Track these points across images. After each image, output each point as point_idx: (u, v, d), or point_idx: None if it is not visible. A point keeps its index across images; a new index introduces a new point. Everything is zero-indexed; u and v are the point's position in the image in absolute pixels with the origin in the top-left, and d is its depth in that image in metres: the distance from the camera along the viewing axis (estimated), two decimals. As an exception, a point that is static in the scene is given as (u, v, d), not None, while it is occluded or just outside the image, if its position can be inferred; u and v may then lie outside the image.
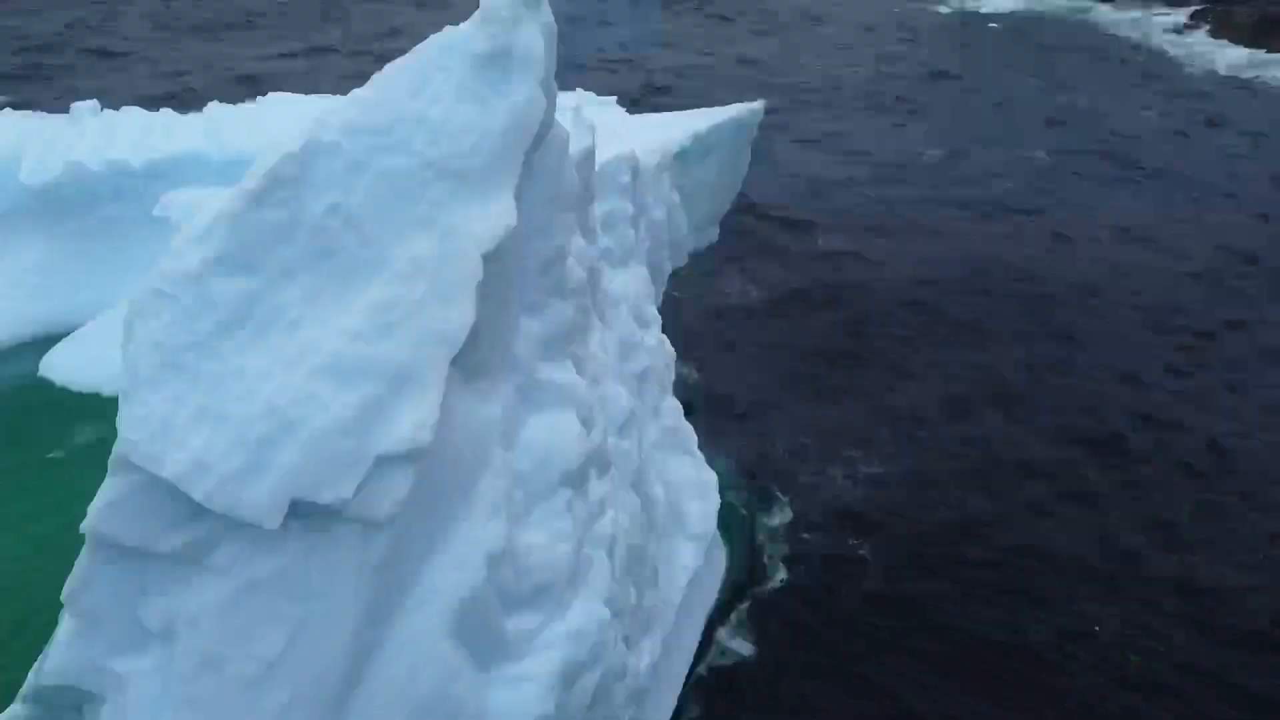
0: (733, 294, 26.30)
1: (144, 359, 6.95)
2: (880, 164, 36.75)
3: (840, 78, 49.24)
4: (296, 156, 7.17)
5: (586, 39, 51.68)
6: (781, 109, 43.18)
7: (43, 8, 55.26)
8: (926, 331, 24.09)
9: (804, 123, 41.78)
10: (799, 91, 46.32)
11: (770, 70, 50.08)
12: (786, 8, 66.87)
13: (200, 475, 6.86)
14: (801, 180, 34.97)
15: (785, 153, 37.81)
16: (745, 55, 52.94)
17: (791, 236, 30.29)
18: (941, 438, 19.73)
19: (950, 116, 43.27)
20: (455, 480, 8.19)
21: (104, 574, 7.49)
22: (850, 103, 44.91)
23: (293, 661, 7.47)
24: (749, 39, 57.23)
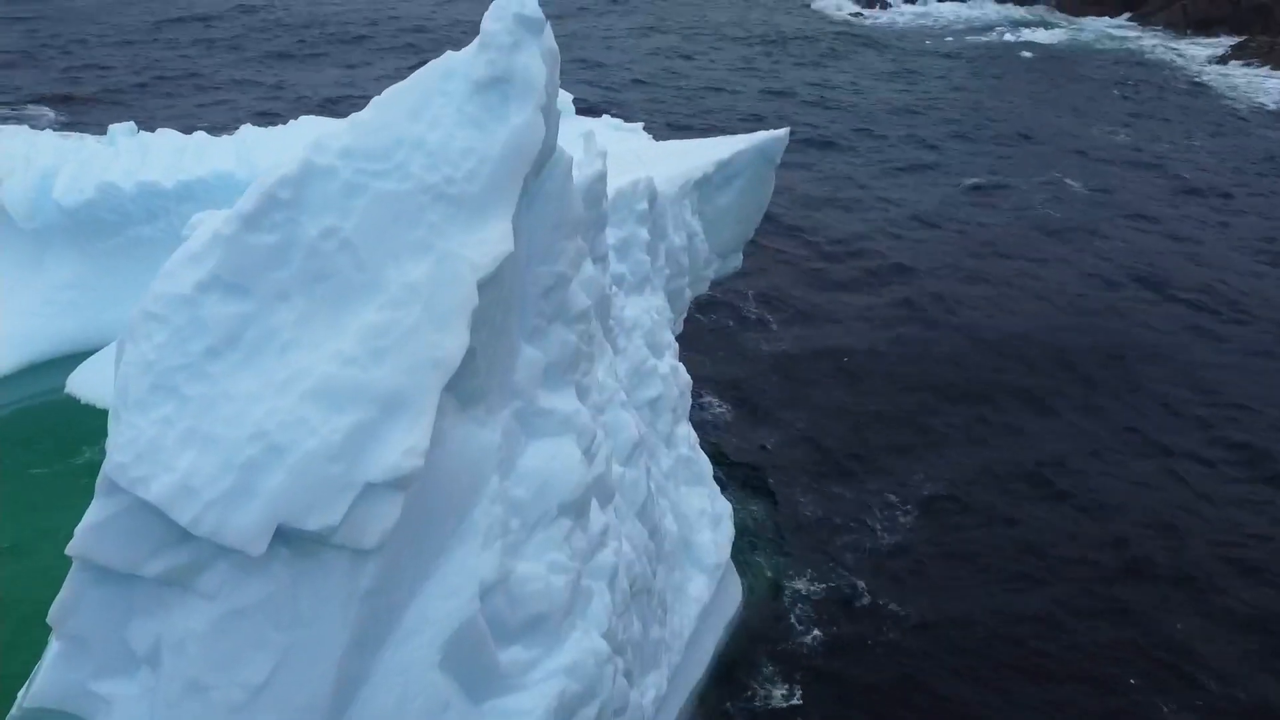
0: (759, 324, 26.14)
1: (134, 380, 6.92)
2: (913, 195, 36.47)
3: (872, 107, 49.08)
4: (292, 179, 7.15)
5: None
6: (814, 138, 43.17)
7: (137, 38, 56.68)
8: (958, 377, 23.62)
9: (836, 152, 41.63)
10: (831, 121, 46.21)
11: (804, 99, 50.06)
12: (818, 34, 66.99)
13: (185, 499, 6.80)
14: (831, 210, 34.79)
15: (816, 182, 37.72)
16: (781, 85, 53.00)
17: (820, 267, 30.08)
18: (979, 501, 18.94)
19: (985, 147, 42.88)
20: (449, 507, 8.09)
21: (91, 596, 7.44)
22: (882, 132, 44.68)
23: (279, 689, 7.36)
24: (788, 69, 57.34)
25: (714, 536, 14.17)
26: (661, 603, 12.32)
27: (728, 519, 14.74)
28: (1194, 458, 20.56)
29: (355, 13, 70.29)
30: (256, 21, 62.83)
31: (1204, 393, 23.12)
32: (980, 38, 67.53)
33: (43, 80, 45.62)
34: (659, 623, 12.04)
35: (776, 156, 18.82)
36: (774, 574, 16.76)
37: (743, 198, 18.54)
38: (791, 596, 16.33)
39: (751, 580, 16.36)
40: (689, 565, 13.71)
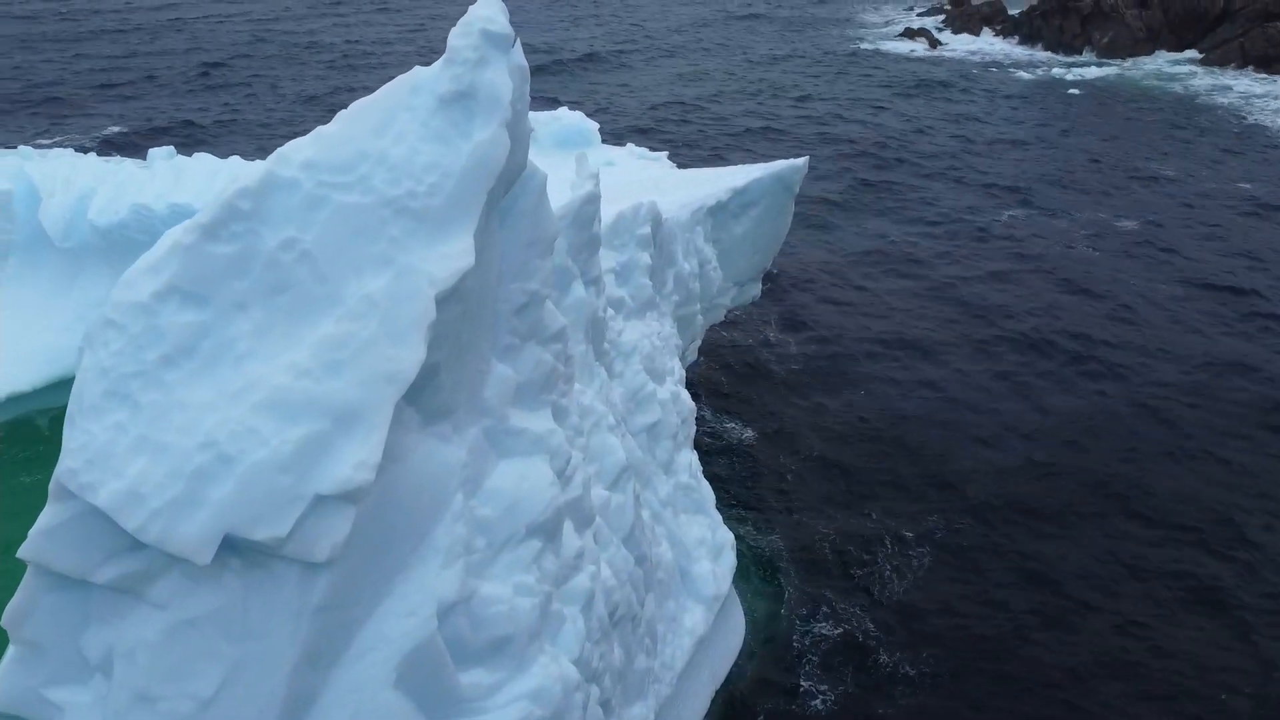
0: (783, 352, 25.85)
1: (89, 386, 6.97)
2: (952, 228, 36.02)
3: (917, 139, 48.76)
4: (252, 190, 7.19)
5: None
6: (856, 169, 42.99)
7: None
8: (982, 417, 23.08)
9: (877, 183, 41.36)
10: (874, 153, 46.00)
11: (850, 132, 49.92)
12: (867, 69, 66.94)
13: (133, 506, 6.79)
14: (867, 240, 34.48)
15: (854, 212, 37.49)
16: (827, 118, 52.94)
17: (850, 296, 29.75)
18: (997, 544, 18.40)
19: (1027, 182, 42.27)
20: (409, 524, 7.99)
21: (46, 602, 7.45)
22: (926, 164, 44.34)
23: (227, 702, 7.29)
24: (836, 103, 57.33)
25: (714, 567, 13.90)
26: (650, 632, 12.09)
27: (730, 550, 14.47)
28: (1230, 508, 19.80)
29: (406, 42, 72.01)
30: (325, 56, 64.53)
31: (1240, 439, 22.31)
32: (1030, 74, 66.92)
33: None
34: (646, 653, 11.80)
35: (795, 185, 18.68)
36: (781, 609, 16.39)
37: (759, 226, 18.41)
38: (799, 633, 15.94)
39: (757, 614, 16.03)
40: (685, 595, 13.46)
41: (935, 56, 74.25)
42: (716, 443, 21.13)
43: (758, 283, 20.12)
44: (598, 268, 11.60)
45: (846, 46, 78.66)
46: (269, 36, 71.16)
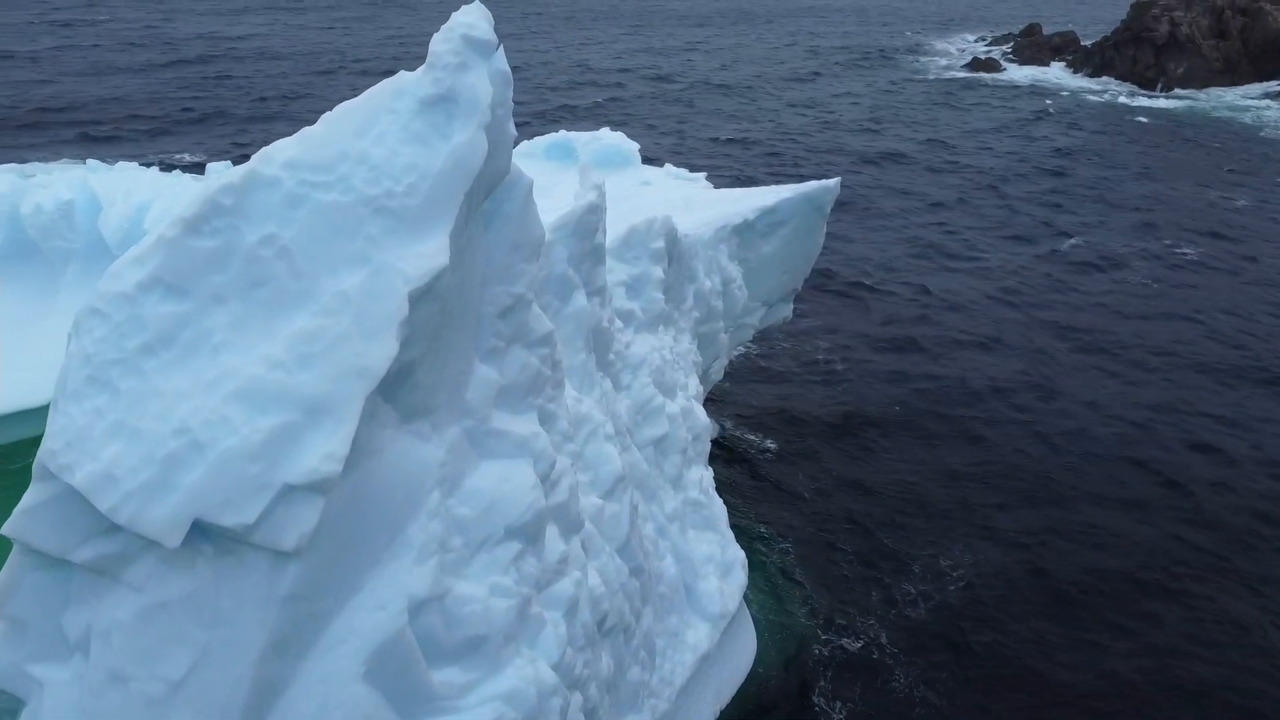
0: (823, 372, 25.61)
1: (73, 372, 7.24)
2: (1009, 255, 35.43)
3: (979, 165, 48.15)
4: (235, 187, 7.42)
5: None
6: (914, 192, 42.59)
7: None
8: (1024, 455, 22.54)
9: (934, 207, 40.92)
10: (933, 178, 45.55)
11: (909, 157, 49.51)
12: (927, 94, 66.36)
13: (107, 487, 7.02)
14: (923, 264, 34.10)
15: (911, 235, 37.10)
16: (887, 142, 52.59)
17: (899, 320, 29.38)
18: (1025, 584, 17.96)
19: (1090, 209, 41.40)
20: (383, 519, 8.10)
21: (30, 580, 7.72)
22: (986, 190, 43.76)
23: (196, 686, 7.44)
24: (896, 126, 56.98)
25: (721, 585, 13.77)
26: (647, 645, 12.01)
27: (740, 568, 14.33)
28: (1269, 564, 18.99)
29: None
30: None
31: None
32: (1099, 104, 65.74)
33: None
34: (641, 665, 11.73)
35: (826, 206, 18.57)
36: (795, 629, 16.16)
37: (788, 246, 18.32)
38: (812, 654, 15.69)
39: (770, 634, 15.82)
40: (690, 611, 13.35)
41: (1003, 86, 73.39)
42: (743, 460, 20.99)
43: (788, 304, 19.99)
44: (602, 278, 11.68)
45: (914, 76, 78.24)
46: (333, 68, 73.35)
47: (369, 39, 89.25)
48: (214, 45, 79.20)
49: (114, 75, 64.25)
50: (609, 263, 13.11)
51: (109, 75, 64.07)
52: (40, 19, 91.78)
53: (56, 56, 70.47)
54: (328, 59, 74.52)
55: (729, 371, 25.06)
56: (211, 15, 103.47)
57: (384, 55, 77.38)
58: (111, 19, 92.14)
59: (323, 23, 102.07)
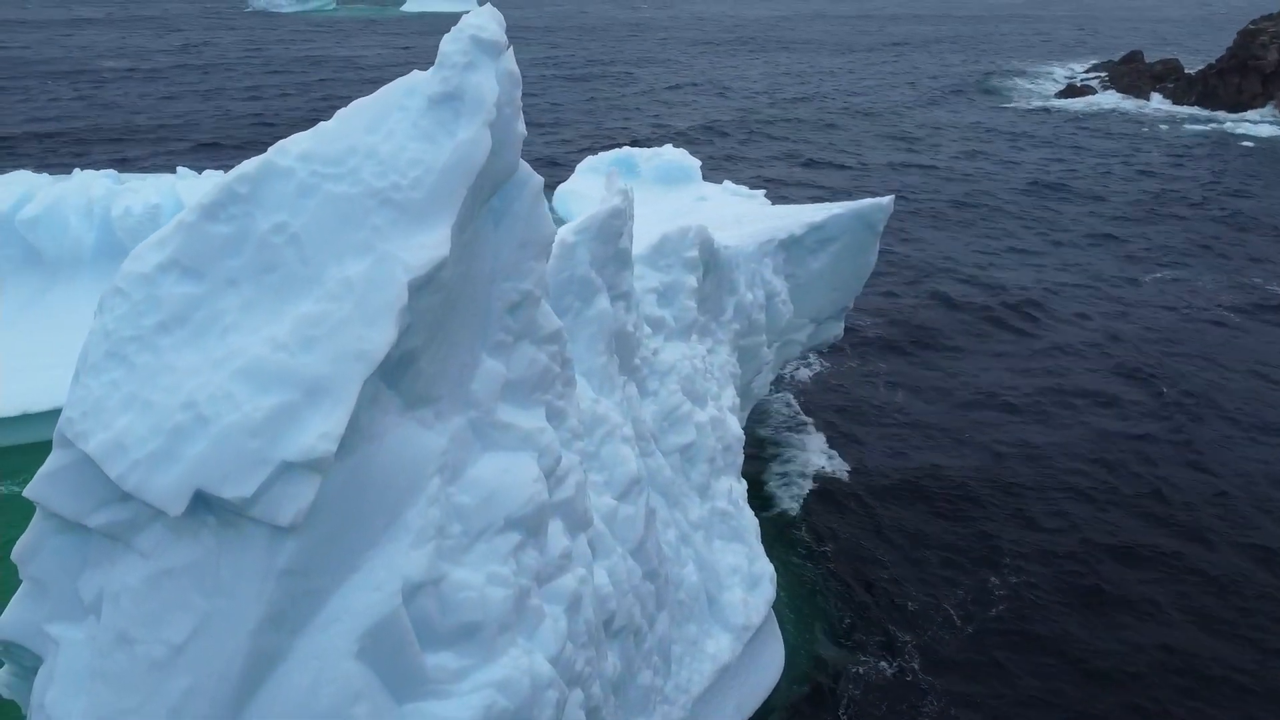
0: (889, 388, 25.24)
1: (94, 347, 7.69)
2: (1091, 280, 34.47)
3: (1066, 190, 46.98)
4: (250, 176, 7.81)
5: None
6: (1001, 220, 41.80)
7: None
8: (1083, 486, 21.90)
9: (1016, 234, 40.06)
10: (1019, 203, 44.66)
11: (993, 179, 48.61)
12: (1015, 120, 65.02)
13: (117, 455, 7.42)
14: (1003, 291, 33.40)
15: (991, 259, 36.43)
16: (973, 165, 51.75)
17: (970, 340, 28.81)
18: (1071, 607, 17.50)
19: (1183, 237, 39.98)
20: (382, 502, 8.34)
21: (51, 544, 8.19)
22: (1073, 215, 42.70)
23: (196, 651, 7.76)
24: (983, 149, 56.02)
25: (747, 597, 13.70)
26: (662, 651, 12.02)
27: (768, 582, 14.24)
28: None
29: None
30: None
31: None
32: (1196, 128, 63.47)
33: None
34: (654, 670, 11.74)
35: (879, 224, 18.39)
36: (827, 649, 15.93)
37: (838, 263, 18.19)
38: (843, 675, 15.44)
39: (801, 651, 15.64)
40: (711, 621, 13.31)
41: (1099, 113, 71.49)
42: (789, 475, 20.81)
43: (839, 321, 19.82)
44: (627, 283, 11.82)
45: (1005, 104, 76.87)
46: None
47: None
48: (319, 65, 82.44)
49: (221, 94, 67.43)
50: (640, 270, 13.27)
51: (218, 95, 67.28)
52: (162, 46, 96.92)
53: (174, 76, 74.42)
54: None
55: (778, 386, 24.94)
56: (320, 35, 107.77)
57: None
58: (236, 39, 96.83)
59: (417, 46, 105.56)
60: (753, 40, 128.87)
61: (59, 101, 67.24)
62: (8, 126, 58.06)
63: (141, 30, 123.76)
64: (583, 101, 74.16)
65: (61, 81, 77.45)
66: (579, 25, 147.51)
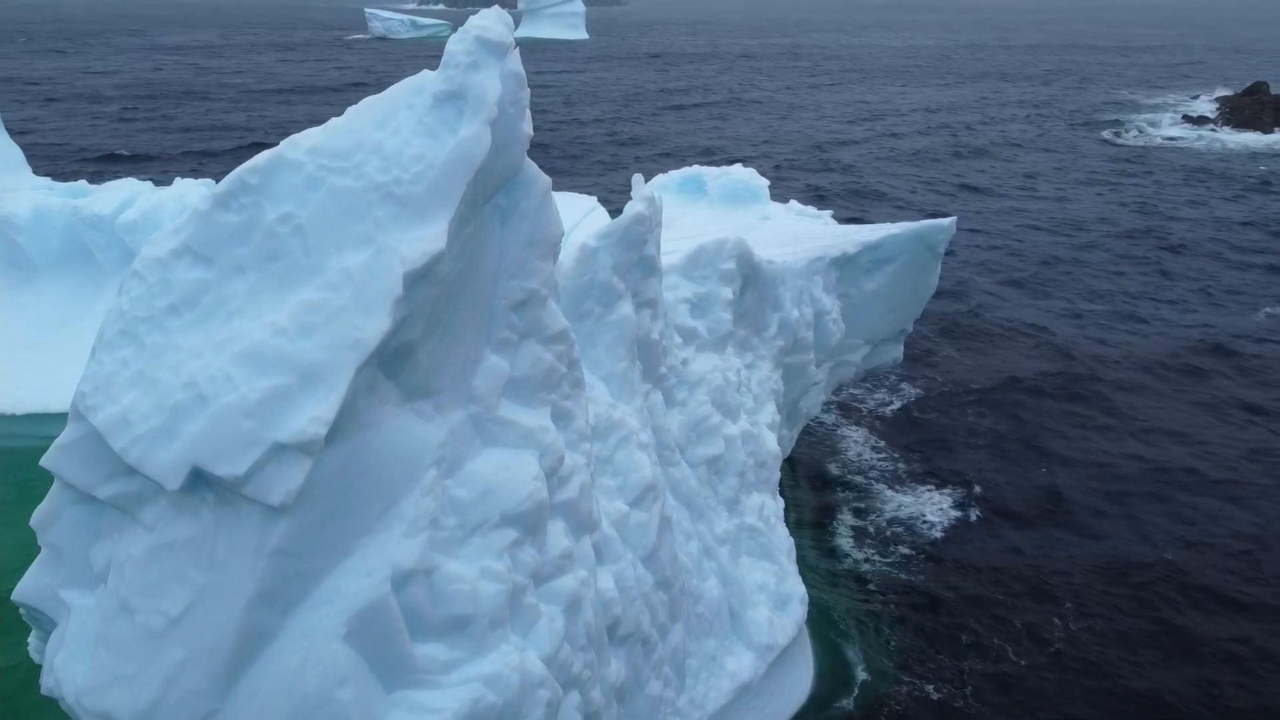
0: (972, 419, 24.55)
1: (110, 325, 8.11)
2: (1202, 320, 32.99)
3: (1175, 226, 45.14)
4: (261, 167, 8.14)
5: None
6: (1107, 257, 40.53)
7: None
8: (1167, 518, 20.86)
9: (1127, 268, 38.74)
10: (1126, 238, 43.20)
11: (1105, 217, 47.15)
12: (1128, 154, 62.80)
13: (121, 430, 7.79)
14: (1107, 330, 32.26)
15: (1095, 299, 35.23)
16: (1081, 201, 50.23)
17: (1063, 377, 27.84)
18: (1139, 652, 16.72)
19: (1255, 284, 37.93)
20: (377, 490, 8.51)
21: (69, 513, 8.62)
22: (1183, 253, 41.08)
23: (191, 624, 8.05)
24: (1099, 187, 54.38)
25: (773, 616, 13.45)
26: (676, 663, 11.90)
27: (798, 603, 13.96)
28: None
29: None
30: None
31: None
32: None
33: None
34: (665, 682, 11.62)
35: (939, 245, 17.98)
36: (861, 672, 15.48)
37: (895, 284, 17.84)
38: (877, 705, 14.98)
39: (835, 678, 15.24)
40: (733, 638, 13.11)
41: (1216, 147, 68.50)
42: (841, 498, 20.40)
43: (897, 344, 19.39)
44: (654, 291, 11.84)
45: (1119, 133, 74.44)
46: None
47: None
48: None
49: (337, 113, 70.26)
50: (674, 280, 13.28)
51: (335, 114, 70.13)
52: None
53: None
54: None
55: (831, 409, 24.53)
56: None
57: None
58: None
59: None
60: (865, 70, 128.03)
61: (184, 118, 71.31)
62: (140, 143, 61.87)
63: (268, 54, 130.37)
64: (689, 124, 75.06)
65: (189, 101, 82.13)
66: (696, 53, 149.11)
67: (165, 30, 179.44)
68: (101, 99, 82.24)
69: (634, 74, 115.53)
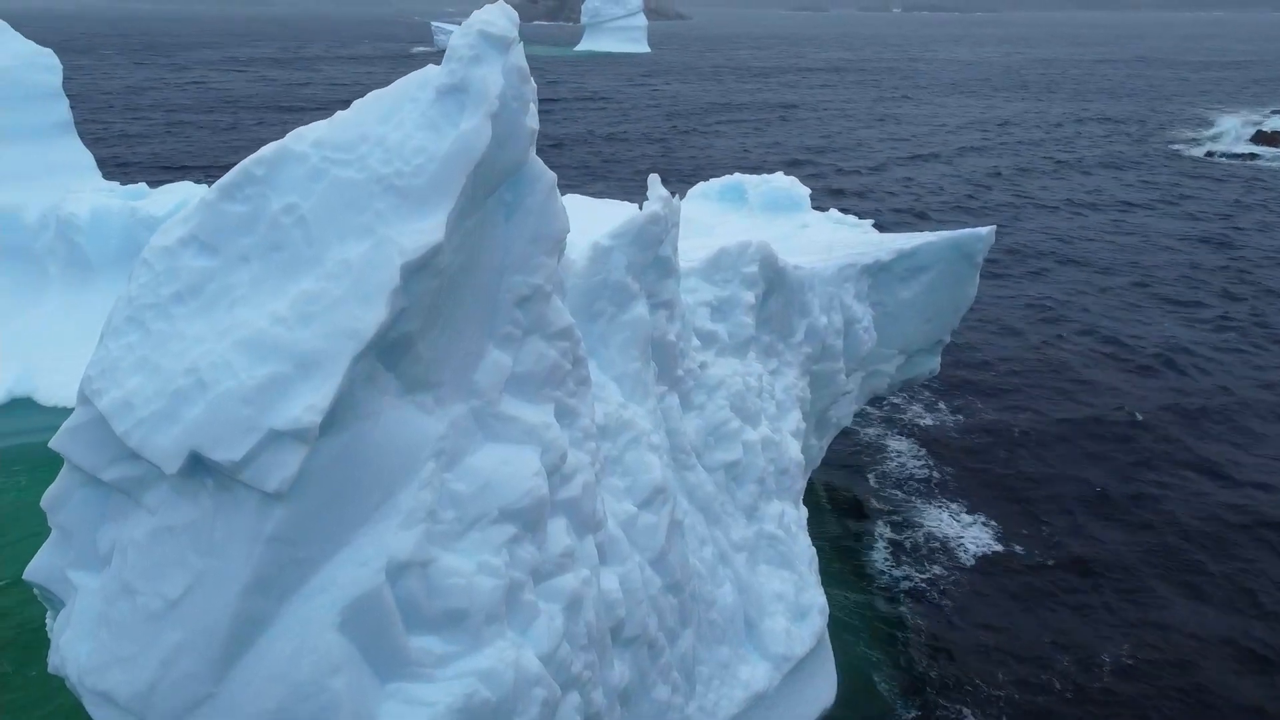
0: (1027, 445, 23.99)
1: (118, 312, 8.28)
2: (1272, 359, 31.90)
3: (1255, 252, 43.75)
4: (267, 159, 8.26)
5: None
6: (1162, 278, 39.45)
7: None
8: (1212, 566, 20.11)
9: (1192, 297, 37.61)
10: (1195, 265, 42.01)
11: (1181, 239, 45.87)
12: (1205, 174, 61.07)
13: (124, 413, 7.94)
14: (1147, 351, 31.34)
15: (1180, 326, 34.17)
16: (1144, 223, 48.98)
17: (1092, 401, 27.10)
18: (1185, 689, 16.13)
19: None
20: (375, 480, 8.53)
21: (78, 495, 8.81)
22: (1256, 280, 39.79)
23: (188, 607, 8.16)
24: (1167, 209, 53.01)
25: (790, 626, 13.22)
26: (684, 669, 11.74)
27: (818, 615, 13.69)
28: None
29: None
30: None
31: None
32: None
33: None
34: (673, 688, 11.47)
35: (977, 255, 17.59)
36: (888, 697, 15.15)
37: (931, 294, 17.49)
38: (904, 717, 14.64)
39: (860, 693, 14.93)
40: (748, 646, 12.91)
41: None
42: (883, 513, 20.04)
43: (934, 356, 18.99)
44: (670, 292, 11.75)
45: (1187, 150, 72.46)
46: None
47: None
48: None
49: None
50: (695, 283, 13.17)
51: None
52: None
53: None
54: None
55: (871, 421, 24.12)
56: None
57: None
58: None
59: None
60: (929, 84, 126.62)
61: (252, 128, 73.25)
62: (208, 151, 63.68)
63: (335, 67, 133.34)
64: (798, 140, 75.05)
65: (258, 111, 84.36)
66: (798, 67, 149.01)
67: (239, 44, 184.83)
68: (176, 108, 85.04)
69: (692, 86, 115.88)
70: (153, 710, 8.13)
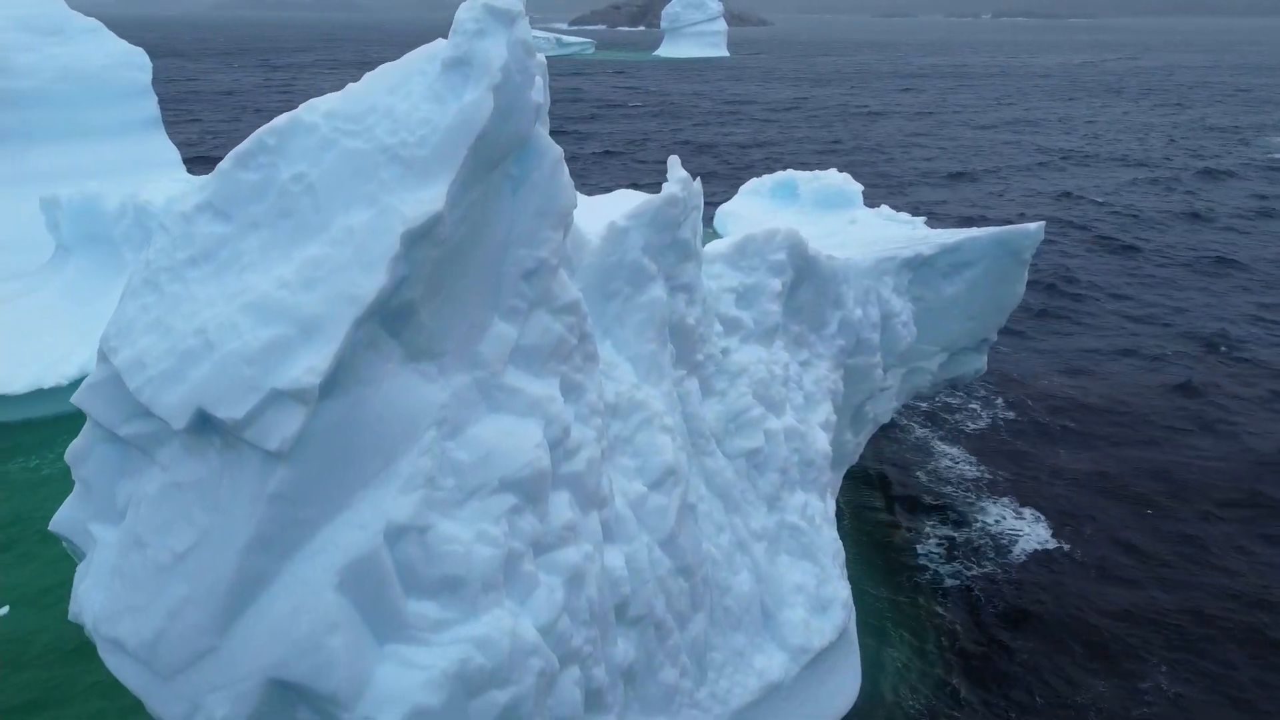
0: (1062, 451, 23.37)
1: (137, 274, 8.64)
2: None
3: None
4: (279, 129, 8.52)
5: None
6: (1228, 271, 37.95)
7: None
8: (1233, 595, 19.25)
9: (1244, 293, 36.09)
10: (1244, 260, 40.26)
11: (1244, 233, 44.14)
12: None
13: (137, 371, 8.28)
14: (1222, 360, 30.15)
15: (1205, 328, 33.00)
16: (1211, 239, 47.24)
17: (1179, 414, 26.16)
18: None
19: None
20: (376, 446, 8.72)
21: (99, 451, 9.19)
22: None
23: (194, 562, 8.45)
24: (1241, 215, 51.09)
25: (810, 618, 13.06)
26: (694, 653, 11.69)
27: (840, 608, 13.49)
28: None
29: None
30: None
31: None
32: None
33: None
34: (682, 671, 11.43)
35: (1025, 252, 17.14)
36: (915, 694, 14.85)
37: (975, 291, 17.10)
38: (928, 713, 14.33)
39: (888, 690, 14.67)
40: (764, 636, 12.79)
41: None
42: (933, 513, 19.66)
43: (980, 354, 18.53)
44: (690, 275, 11.73)
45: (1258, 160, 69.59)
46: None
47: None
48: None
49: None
50: (720, 268, 13.12)
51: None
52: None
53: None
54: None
55: (918, 418, 23.64)
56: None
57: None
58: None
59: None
60: (1013, 88, 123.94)
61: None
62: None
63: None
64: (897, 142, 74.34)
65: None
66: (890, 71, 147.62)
67: (328, 47, 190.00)
68: (263, 109, 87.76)
69: (770, 89, 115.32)
70: (158, 659, 8.43)
